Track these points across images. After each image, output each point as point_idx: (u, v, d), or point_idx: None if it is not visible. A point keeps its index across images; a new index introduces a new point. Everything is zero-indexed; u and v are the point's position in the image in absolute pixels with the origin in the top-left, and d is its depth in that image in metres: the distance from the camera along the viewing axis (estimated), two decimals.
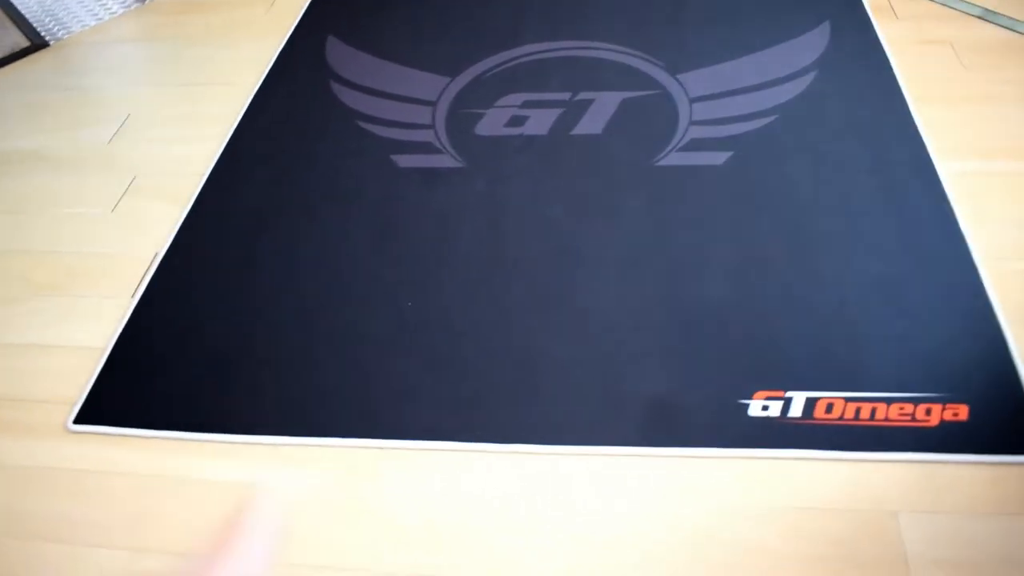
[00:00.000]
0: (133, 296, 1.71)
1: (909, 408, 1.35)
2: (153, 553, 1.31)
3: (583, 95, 2.05)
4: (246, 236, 1.80)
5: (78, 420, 1.50)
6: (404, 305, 1.60)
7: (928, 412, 1.34)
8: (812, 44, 2.12)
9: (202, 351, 1.58)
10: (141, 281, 1.74)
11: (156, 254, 1.79)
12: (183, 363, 1.56)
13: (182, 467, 1.42)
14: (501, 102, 2.06)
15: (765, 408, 1.37)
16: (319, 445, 1.41)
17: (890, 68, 2.01)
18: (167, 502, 1.37)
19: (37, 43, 2.56)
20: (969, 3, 2.21)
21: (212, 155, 2.03)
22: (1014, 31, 2.10)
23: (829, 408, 1.36)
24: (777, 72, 2.04)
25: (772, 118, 1.92)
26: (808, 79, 2.01)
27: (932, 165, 1.74)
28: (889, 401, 1.36)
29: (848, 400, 1.37)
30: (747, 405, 1.38)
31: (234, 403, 1.49)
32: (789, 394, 1.38)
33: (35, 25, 2.57)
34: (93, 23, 2.65)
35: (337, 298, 1.64)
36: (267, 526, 0.43)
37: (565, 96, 2.06)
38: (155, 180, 2.01)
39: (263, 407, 1.47)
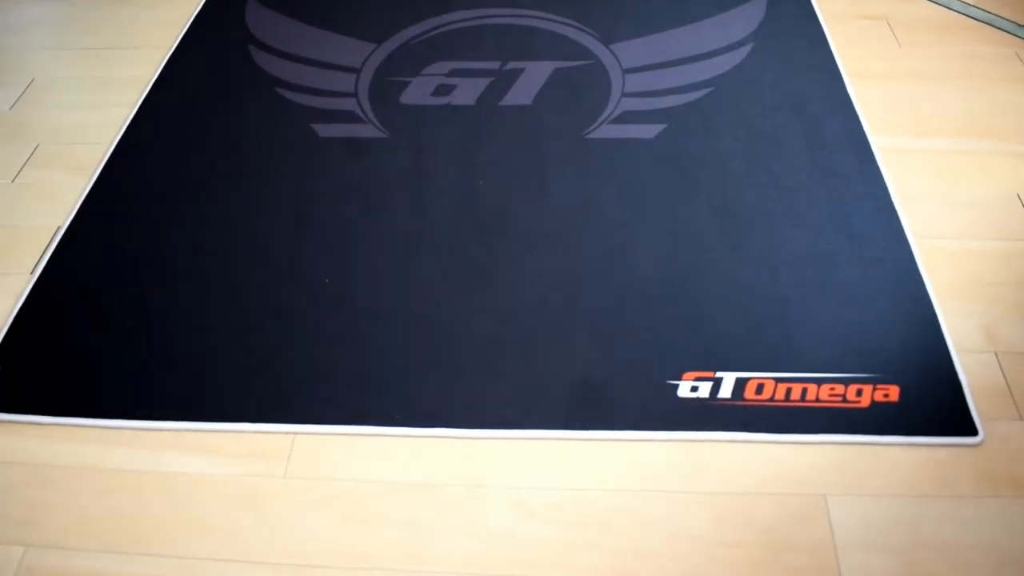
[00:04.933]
0: (32, 272, 1.60)
1: (840, 389, 1.32)
2: (50, 549, 1.22)
3: (513, 64, 1.99)
4: (155, 208, 1.70)
5: None
6: (322, 282, 1.53)
7: (859, 393, 1.32)
8: (748, 16, 2.08)
9: (105, 331, 1.48)
10: (41, 257, 1.63)
11: (58, 227, 1.68)
12: (84, 344, 1.47)
13: (82, 455, 1.33)
14: (428, 70, 1.98)
15: (695, 389, 1.34)
16: (228, 431, 1.34)
17: (826, 42, 1.99)
18: (64, 492, 1.28)
19: None
20: None
21: (121, 122, 1.92)
22: (949, 8, 2.10)
23: (759, 389, 1.33)
24: (712, 44, 2.00)
25: (706, 91, 1.88)
26: (743, 52, 1.98)
27: (866, 141, 1.73)
28: (820, 382, 1.33)
29: (779, 381, 1.34)
30: (676, 386, 1.34)
31: (138, 386, 1.40)
32: (719, 374, 1.35)
33: None
34: None
35: (251, 274, 1.56)
36: None
37: (494, 65, 1.99)
38: (59, 149, 1.89)
39: (169, 390, 1.39)
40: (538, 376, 1.37)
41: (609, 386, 1.35)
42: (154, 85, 2.02)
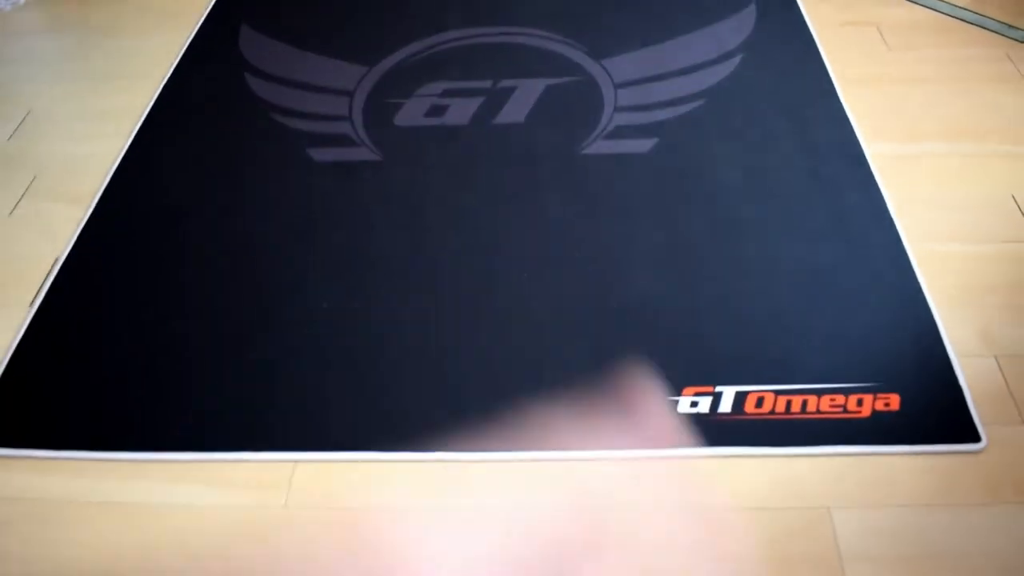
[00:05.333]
0: (31, 305, 1.60)
1: (840, 399, 1.32)
2: None
3: (505, 83, 1.99)
4: (153, 238, 1.70)
5: None
6: (319, 307, 1.53)
7: (859, 403, 1.31)
8: (738, 27, 2.09)
9: (105, 363, 1.48)
10: (40, 289, 1.63)
11: (56, 259, 1.68)
12: (84, 376, 1.46)
13: (81, 489, 1.32)
14: (421, 91, 1.99)
15: (694, 404, 1.33)
16: (228, 460, 1.33)
17: (816, 50, 1.99)
18: (67, 528, 1.28)
19: None
20: None
21: (118, 152, 1.92)
22: (937, 11, 2.10)
23: (759, 402, 1.32)
24: (703, 56, 2.00)
25: (698, 103, 1.88)
26: (734, 62, 1.98)
27: (860, 147, 1.73)
28: (820, 393, 1.33)
29: (778, 393, 1.33)
30: (676, 402, 1.34)
31: (140, 418, 1.40)
32: (719, 389, 1.34)
33: None
34: None
35: (249, 301, 1.56)
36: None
37: (487, 84, 1.99)
38: (57, 180, 1.90)
39: (171, 421, 1.39)
40: (537, 396, 1.37)
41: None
42: (149, 114, 2.02)
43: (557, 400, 1.35)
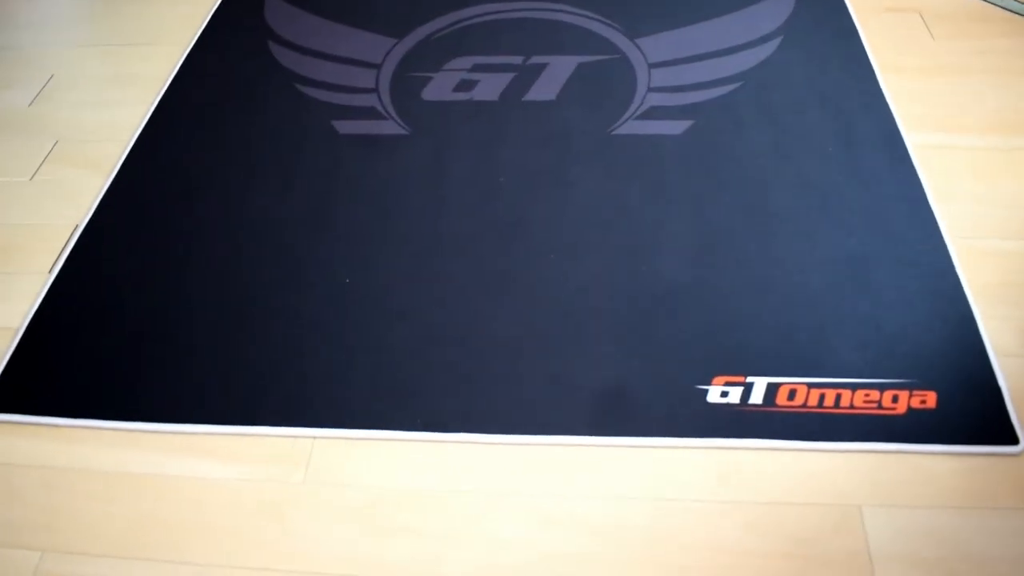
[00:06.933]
0: (51, 271, 1.58)
1: (875, 395, 1.28)
2: (66, 554, 1.20)
3: (536, 59, 1.95)
4: (174, 207, 1.68)
5: None
6: (342, 282, 1.50)
7: (895, 399, 1.27)
8: (777, 9, 2.04)
9: (123, 332, 1.46)
10: (60, 255, 1.61)
11: (76, 226, 1.66)
12: (102, 345, 1.45)
13: (99, 459, 1.31)
14: (450, 65, 1.96)
15: (724, 394, 1.30)
16: (247, 434, 1.31)
17: (857, 36, 1.95)
18: (81, 497, 1.26)
19: None
20: None
21: (140, 120, 1.90)
22: (983, 0, 2.04)
23: (792, 394, 1.29)
24: (740, 38, 1.96)
25: (735, 86, 1.84)
26: (772, 45, 1.93)
27: (900, 138, 1.68)
28: (854, 387, 1.29)
29: (811, 386, 1.30)
30: (706, 391, 1.30)
31: (156, 388, 1.38)
32: (750, 379, 1.31)
33: None
34: None
35: (270, 275, 1.53)
36: None
37: (517, 60, 1.96)
38: (78, 146, 1.88)
39: (187, 393, 1.37)
40: (562, 380, 1.34)
41: (635, 391, 1.31)
42: (173, 81, 2.00)
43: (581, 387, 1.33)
